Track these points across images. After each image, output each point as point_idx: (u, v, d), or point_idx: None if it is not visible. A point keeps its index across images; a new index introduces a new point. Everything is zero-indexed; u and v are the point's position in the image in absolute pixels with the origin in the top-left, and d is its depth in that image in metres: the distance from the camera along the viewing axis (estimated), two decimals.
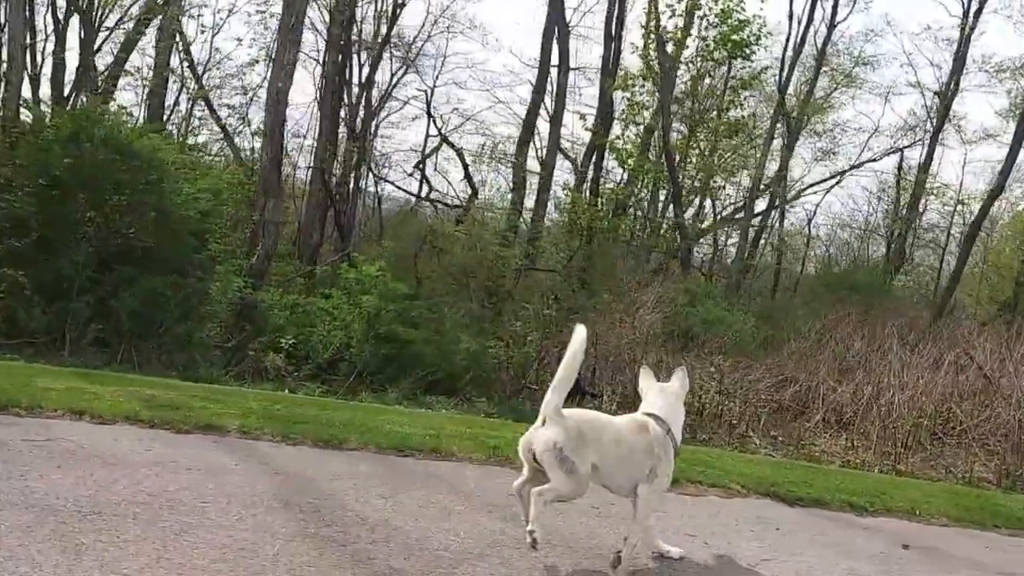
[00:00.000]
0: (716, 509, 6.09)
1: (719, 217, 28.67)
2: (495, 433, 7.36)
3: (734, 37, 22.43)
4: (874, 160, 29.21)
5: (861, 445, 14.19)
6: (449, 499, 5.40)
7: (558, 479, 4.24)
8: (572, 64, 24.34)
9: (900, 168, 28.71)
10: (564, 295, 19.67)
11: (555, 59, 24.58)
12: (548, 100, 25.79)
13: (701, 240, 28.30)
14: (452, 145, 25.28)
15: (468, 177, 24.47)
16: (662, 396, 4.89)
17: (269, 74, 18.63)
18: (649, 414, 4.76)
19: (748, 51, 22.83)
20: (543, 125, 24.52)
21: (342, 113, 21.36)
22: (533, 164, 24.15)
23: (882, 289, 22.83)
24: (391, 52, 27.13)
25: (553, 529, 4.92)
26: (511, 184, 23.85)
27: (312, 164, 20.32)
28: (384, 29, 22.94)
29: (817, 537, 5.75)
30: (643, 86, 23.17)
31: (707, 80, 24.14)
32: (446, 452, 6.49)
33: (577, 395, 15.65)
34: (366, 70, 27.11)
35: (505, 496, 5.09)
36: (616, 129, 24.05)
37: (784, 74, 26.26)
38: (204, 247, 13.89)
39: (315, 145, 21.39)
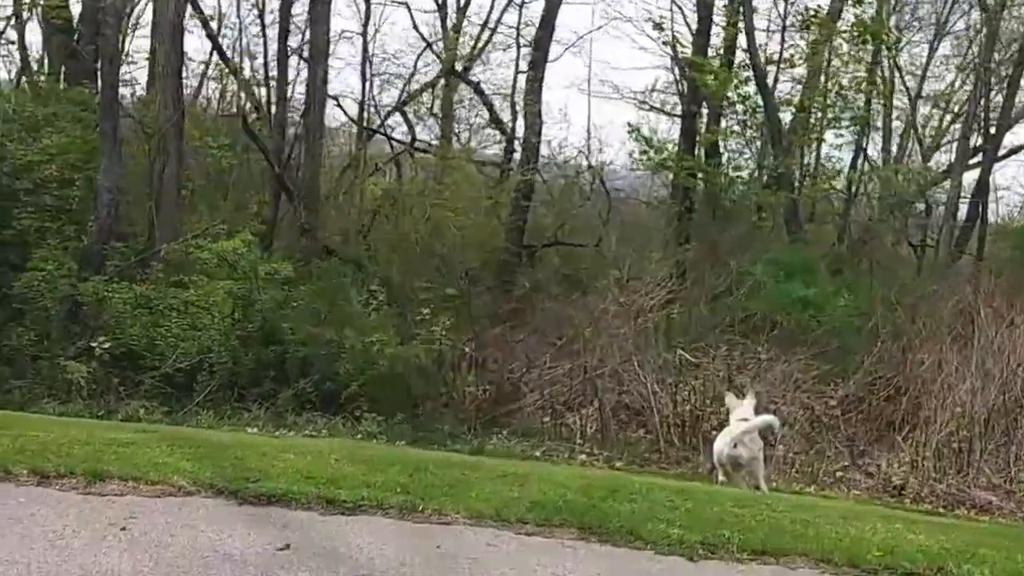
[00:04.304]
0: (109, 510, 6.11)
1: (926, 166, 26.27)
2: None
3: None
4: None
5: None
6: None
7: (761, 469, 9.77)
8: None
9: None
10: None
11: None
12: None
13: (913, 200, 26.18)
14: (464, 78, 24.85)
15: (495, 121, 24.06)
16: (746, 409, 10.45)
17: None
18: (743, 419, 10.16)
19: None
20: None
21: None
22: None
23: None
24: None
25: None
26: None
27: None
28: None
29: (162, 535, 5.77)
30: None
31: None
32: None
33: None
34: None
35: None
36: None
37: None
38: (14, 224, 14.88)
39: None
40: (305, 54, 21.44)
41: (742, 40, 22.14)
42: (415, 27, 25.61)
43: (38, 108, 17.57)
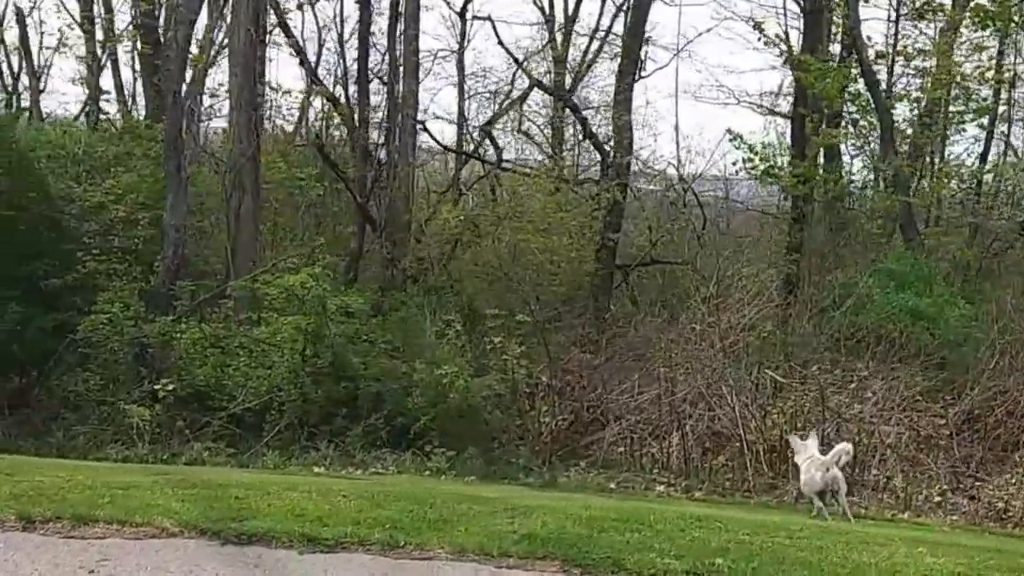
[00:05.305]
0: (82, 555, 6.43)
1: None
2: None
3: None
4: None
5: None
6: None
7: (845, 489, 10.82)
8: None
9: None
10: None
11: None
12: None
13: None
14: (551, 92, 24.78)
15: (589, 136, 24.07)
16: (810, 451, 10.98)
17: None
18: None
19: None
20: None
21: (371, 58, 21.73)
22: None
23: None
24: None
25: None
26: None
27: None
28: None
29: None
30: None
31: None
32: None
33: None
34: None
35: None
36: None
37: None
38: (79, 267, 15.50)
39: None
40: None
41: None
42: (500, 43, 25.90)
43: (110, 147, 18.32)
